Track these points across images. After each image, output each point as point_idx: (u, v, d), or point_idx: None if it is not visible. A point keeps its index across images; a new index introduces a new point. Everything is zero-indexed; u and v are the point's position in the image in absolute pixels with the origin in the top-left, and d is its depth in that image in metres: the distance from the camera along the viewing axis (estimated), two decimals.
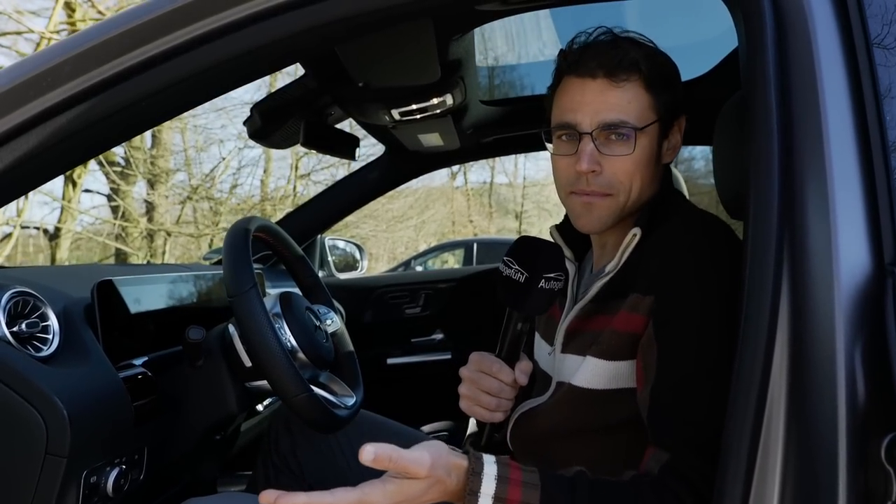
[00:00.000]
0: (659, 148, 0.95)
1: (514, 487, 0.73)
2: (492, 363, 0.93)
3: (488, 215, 18.17)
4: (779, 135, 0.68)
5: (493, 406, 0.93)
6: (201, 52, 0.80)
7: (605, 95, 0.89)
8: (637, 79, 0.90)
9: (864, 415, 0.59)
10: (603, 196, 0.92)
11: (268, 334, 0.98)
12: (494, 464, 0.75)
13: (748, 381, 0.64)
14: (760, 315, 0.64)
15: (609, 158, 0.90)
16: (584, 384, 0.91)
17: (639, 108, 0.90)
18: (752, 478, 0.63)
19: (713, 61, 1.66)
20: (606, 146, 0.90)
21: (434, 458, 0.72)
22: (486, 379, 0.93)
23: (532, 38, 1.81)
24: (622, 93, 0.89)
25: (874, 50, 0.67)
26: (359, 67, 1.27)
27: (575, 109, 0.91)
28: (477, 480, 0.73)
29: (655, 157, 0.94)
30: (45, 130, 0.80)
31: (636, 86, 0.90)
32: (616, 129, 0.89)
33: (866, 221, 0.63)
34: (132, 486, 1.03)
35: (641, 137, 0.90)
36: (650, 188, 0.95)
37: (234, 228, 1.09)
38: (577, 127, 0.90)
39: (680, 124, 0.98)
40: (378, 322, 2.32)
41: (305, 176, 10.74)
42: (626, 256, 0.92)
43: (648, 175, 0.93)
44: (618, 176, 0.91)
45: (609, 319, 0.90)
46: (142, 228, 8.58)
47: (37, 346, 0.93)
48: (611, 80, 0.89)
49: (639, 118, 0.90)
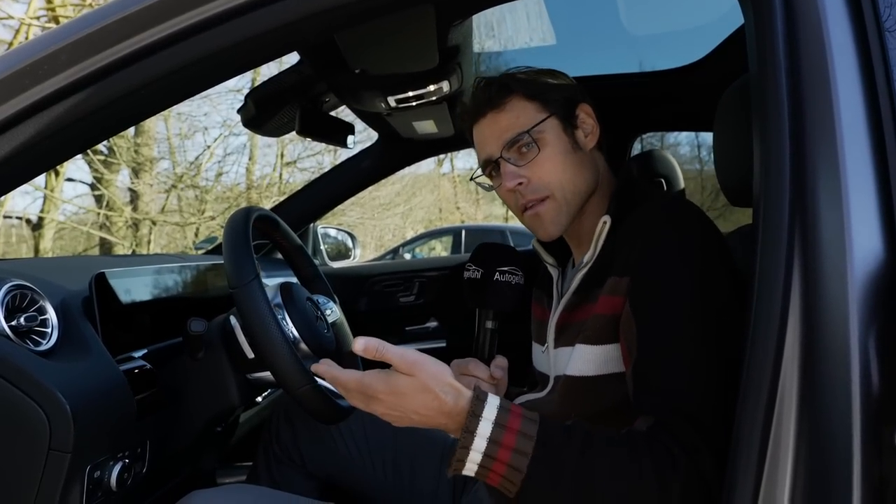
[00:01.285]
0: (571, 138, 1.00)
1: (514, 417, 0.76)
2: (468, 363, 1.01)
3: (475, 202, 18.15)
4: (790, 121, 0.67)
5: None
6: (201, 39, 0.78)
7: (497, 123, 1.00)
8: (515, 96, 1.00)
9: (879, 403, 0.59)
10: (542, 201, 0.99)
11: (272, 326, 0.97)
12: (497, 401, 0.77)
13: (760, 371, 0.64)
14: (772, 303, 0.64)
15: (528, 167, 0.98)
16: (577, 372, 0.93)
17: (528, 116, 0.99)
18: (763, 466, 0.63)
19: (708, 47, 1.66)
20: (522, 158, 0.99)
21: (422, 362, 0.77)
22: (464, 379, 0.99)
23: (528, 22, 1.80)
24: (508, 113, 1.00)
25: (886, 34, 0.67)
26: (356, 54, 1.25)
27: (484, 146, 1.03)
28: (480, 405, 0.76)
29: (571, 147, 1.00)
30: (42, 120, 0.79)
31: (518, 101, 1.00)
32: (518, 142, 0.98)
33: (879, 208, 0.63)
34: (135, 480, 1.02)
35: (542, 136, 0.98)
36: (583, 175, 1.00)
37: (234, 218, 1.08)
38: (491, 157, 1.01)
39: (584, 111, 1.03)
40: (372, 310, 2.31)
41: (291, 163, 10.66)
42: (601, 245, 0.96)
43: (574, 165, 1.00)
44: (544, 178, 0.98)
45: (592, 307, 0.93)
46: (126, 217, 8.48)
47: (35, 341, 0.92)
48: (495, 109, 1.00)
49: (530, 123, 0.98)
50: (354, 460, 1.28)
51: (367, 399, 0.79)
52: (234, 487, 1.01)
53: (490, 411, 0.75)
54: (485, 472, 0.75)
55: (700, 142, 5.43)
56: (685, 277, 0.83)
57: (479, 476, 0.76)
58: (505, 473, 0.74)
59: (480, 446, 0.74)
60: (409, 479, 1.25)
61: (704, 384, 0.77)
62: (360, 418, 1.28)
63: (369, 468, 1.27)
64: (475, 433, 0.74)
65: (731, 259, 0.88)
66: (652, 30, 2.12)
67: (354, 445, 1.27)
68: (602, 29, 1.77)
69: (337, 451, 1.28)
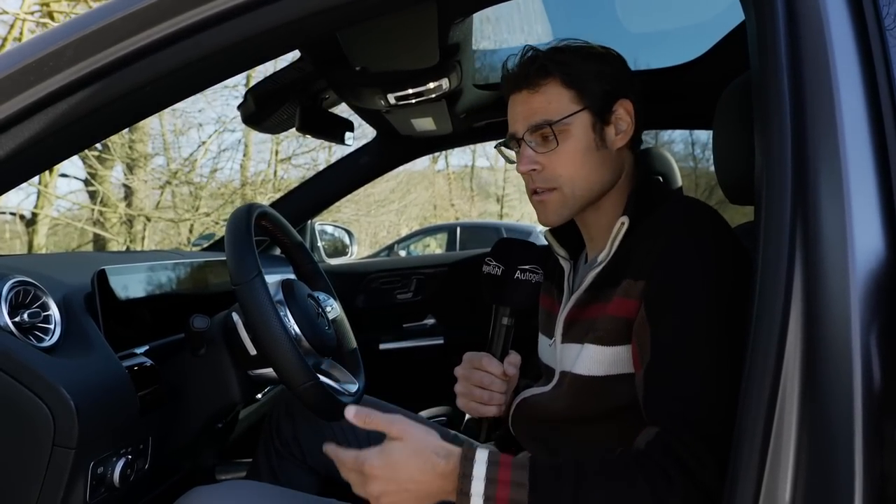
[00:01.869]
0: (599, 135, 0.97)
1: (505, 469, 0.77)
2: (481, 357, 1.01)
3: (470, 199, 18.16)
4: (791, 119, 0.68)
5: (485, 399, 1.01)
6: (206, 36, 0.78)
7: (528, 103, 0.98)
8: (553, 80, 0.96)
9: (880, 398, 0.59)
10: (549, 191, 0.98)
11: (274, 323, 0.97)
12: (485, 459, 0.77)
13: (762, 367, 0.65)
14: (774, 300, 0.65)
15: (545, 155, 0.96)
16: (585, 372, 0.93)
17: (560, 105, 0.96)
18: (765, 461, 0.63)
19: (706, 45, 1.67)
20: (542, 145, 0.97)
21: (413, 425, 0.79)
22: (476, 373, 1.00)
23: (527, 19, 1.80)
24: (541, 96, 0.97)
25: (886, 32, 0.68)
26: (357, 51, 1.26)
27: (512, 121, 1.01)
28: (469, 465, 0.76)
29: (595, 144, 0.97)
30: (47, 116, 0.79)
31: (554, 86, 0.96)
32: (542, 129, 0.96)
33: (880, 205, 0.64)
34: (137, 476, 1.02)
35: (567, 129, 0.95)
36: (599, 175, 0.98)
37: (236, 215, 1.08)
38: (515, 135, 1.00)
39: (624, 108, 0.99)
40: (370, 307, 2.32)
41: (286, 160, 10.63)
42: (617, 245, 0.95)
43: (591, 163, 0.97)
44: (557, 170, 0.96)
45: (604, 307, 0.92)
46: (120, 213, 8.44)
47: (39, 337, 0.92)
48: (530, 89, 0.97)
49: (560, 113, 0.95)
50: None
51: (363, 478, 0.79)
52: (235, 483, 1.01)
53: (480, 469, 0.76)
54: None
55: (694, 139, 5.45)
56: (702, 286, 0.83)
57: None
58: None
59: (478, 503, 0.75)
60: None
61: (716, 394, 0.77)
62: None
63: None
64: (470, 494, 0.75)
65: (747, 261, 0.86)
66: (649, 27, 2.13)
67: (356, 441, 1.28)
68: (600, 26, 1.78)
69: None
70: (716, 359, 0.79)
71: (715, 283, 0.83)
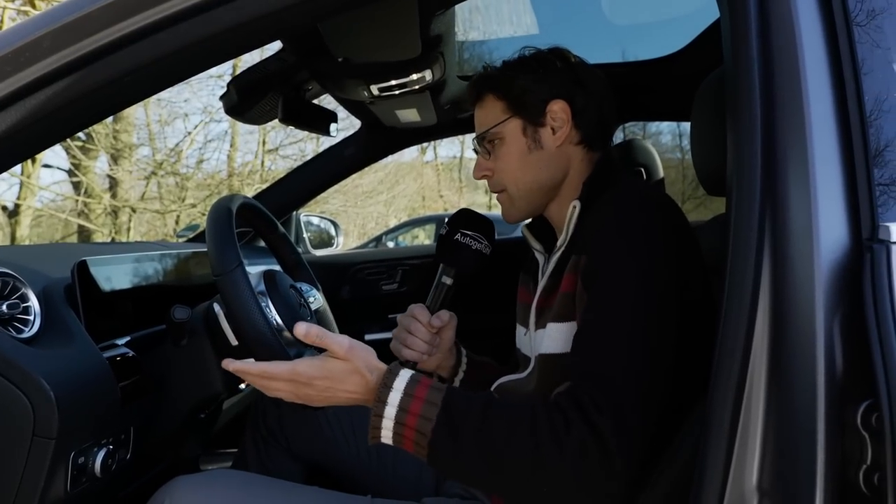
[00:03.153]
0: (532, 138, 1.04)
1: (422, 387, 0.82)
2: (415, 307, 1.10)
3: (458, 190, 18.14)
4: (761, 113, 0.69)
5: (408, 343, 1.09)
6: (186, 27, 0.78)
7: (476, 117, 1.10)
8: (488, 94, 1.07)
9: (842, 383, 0.61)
10: (500, 192, 1.08)
11: (255, 313, 0.98)
12: (408, 377, 0.83)
13: (730, 352, 0.67)
14: (743, 288, 0.67)
15: (493, 161, 1.07)
16: (549, 350, 0.97)
17: (493, 115, 1.05)
18: (734, 444, 0.65)
19: (687, 38, 1.68)
20: (487, 153, 1.08)
21: (356, 347, 0.84)
22: (407, 318, 1.09)
23: (511, 11, 1.80)
24: (481, 110, 1.08)
25: (854, 28, 0.69)
26: (339, 42, 1.26)
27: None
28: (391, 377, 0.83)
29: (528, 147, 1.04)
30: (23, 108, 0.78)
31: (490, 99, 1.07)
32: (484, 140, 1.07)
33: (845, 198, 0.65)
34: (119, 466, 1.03)
35: (501, 137, 1.05)
36: (543, 173, 1.05)
37: (218, 206, 1.08)
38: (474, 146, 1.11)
39: (559, 107, 1.03)
40: (355, 298, 2.32)
41: (273, 151, 10.57)
42: (572, 229, 1.00)
43: (532, 164, 1.04)
44: (501, 175, 1.07)
45: (561, 286, 0.97)
46: (105, 204, 8.37)
47: (18, 328, 0.92)
48: (476, 103, 1.10)
49: (493, 123, 1.05)
50: (339, 444, 1.29)
51: (298, 386, 0.84)
52: (218, 472, 1.02)
53: (400, 382, 0.82)
54: (399, 439, 0.81)
55: (682, 131, 5.47)
56: (640, 260, 0.86)
57: (395, 443, 0.82)
58: (414, 438, 0.80)
59: (391, 414, 0.81)
60: (393, 467, 1.27)
61: (629, 362, 0.80)
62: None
63: (354, 453, 1.29)
64: (386, 402, 0.81)
65: (690, 247, 0.90)
66: (634, 20, 2.14)
67: (340, 430, 1.29)
68: (585, 18, 1.78)
69: (322, 434, 1.30)
70: (635, 331, 0.82)
71: (644, 261, 0.86)
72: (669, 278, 0.84)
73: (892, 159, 0.67)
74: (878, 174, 0.66)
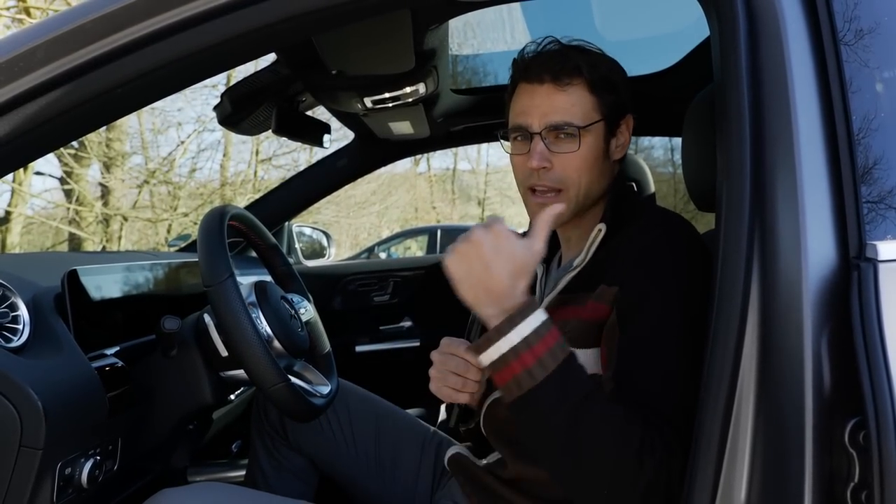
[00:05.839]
0: (606, 146, 1.00)
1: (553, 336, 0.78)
2: (458, 345, 0.99)
3: (451, 202, 18.18)
4: (751, 131, 0.70)
5: (458, 386, 0.99)
6: (179, 39, 0.79)
7: (551, 99, 0.97)
8: (580, 83, 0.97)
9: (830, 401, 0.62)
10: (555, 193, 0.99)
11: (245, 324, 0.98)
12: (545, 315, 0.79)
13: (720, 369, 0.67)
14: (732, 306, 0.67)
15: (558, 156, 0.97)
16: None
17: (583, 109, 0.97)
18: (722, 461, 0.66)
19: (681, 53, 1.70)
20: (555, 144, 0.97)
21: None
22: (452, 359, 0.98)
23: (503, 27, 1.82)
24: (566, 96, 0.96)
25: (842, 47, 0.70)
26: (333, 55, 1.26)
27: (526, 113, 0.98)
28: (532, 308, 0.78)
29: (603, 154, 1.00)
30: (17, 117, 0.78)
31: (580, 89, 0.97)
32: (562, 130, 0.96)
33: (833, 216, 0.66)
34: (106, 477, 1.02)
35: (586, 136, 0.97)
36: (600, 183, 1.01)
37: (209, 216, 1.08)
38: (529, 128, 0.98)
39: (627, 123, 1.03)
40: (346, 310, 2.32)
41: (266, 160, 10.56)
42: (593, 251, 0.97)
43: (597, 171, 0.99)
44: (567, 172, 0.97)
45: (577, 310, 0.95)
46: (97, 213, 8.32)
47: (7, 337, 0.91)
48: (556, 85, 0.96)
49: (583, 118, 0.97)
50: (339, 445, 1.28)
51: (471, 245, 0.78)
52: (204, 485, 1.01)
53: (537, 317, 0.78)
54: (501, 365, 0.78)
55: (673, 145, 5.50)
56: (674, 295, 0.85)
57: (493, 366, 0.79)
58: (520, 374, 0.77)
59: (514, 339, 0.77)
60: (391, 471, 1.27)
61: (681, 392, 0.80)
62: (346, 406, 1.29)
63: (353, 455, 1.28)
64: (516, 326, 0.77)
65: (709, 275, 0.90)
66: (626, 35, 2.15)
67: (340, 430, 1.28)
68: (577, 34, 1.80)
69: (322, 433, 1.28)
70: (681, 362, 0.82)
71: (686, 292, 0.85)
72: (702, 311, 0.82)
73: (880, 178, 0.68)
74: (865, 192, 0.67)
